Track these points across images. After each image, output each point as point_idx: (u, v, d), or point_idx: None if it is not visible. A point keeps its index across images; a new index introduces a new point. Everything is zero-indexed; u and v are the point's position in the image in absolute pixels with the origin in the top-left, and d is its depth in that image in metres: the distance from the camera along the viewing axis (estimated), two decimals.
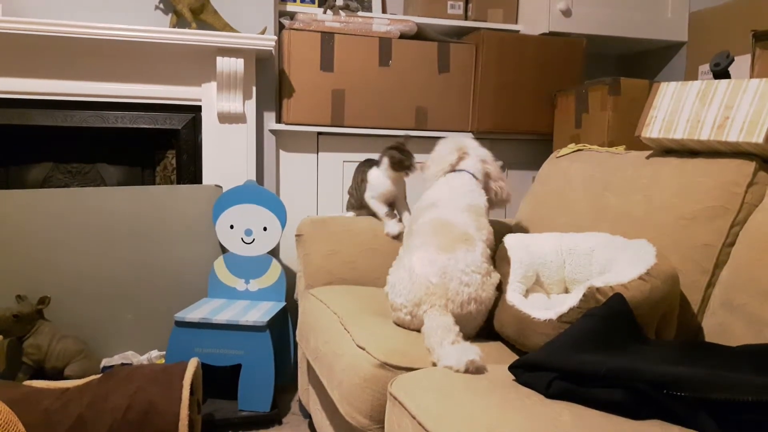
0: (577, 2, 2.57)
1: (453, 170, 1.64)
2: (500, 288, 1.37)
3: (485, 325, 1.38)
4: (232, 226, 2.19)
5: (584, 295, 1.13)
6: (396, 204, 1.92)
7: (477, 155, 1.68)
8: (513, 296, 1.30)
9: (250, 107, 2.37)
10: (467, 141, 1.71)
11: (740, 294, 1.15)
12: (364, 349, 1.25)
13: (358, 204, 1.97)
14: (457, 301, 1.29)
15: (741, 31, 2.09)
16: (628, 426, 0.84)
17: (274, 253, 2.24)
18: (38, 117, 2.23)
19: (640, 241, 1.27)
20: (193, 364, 1.70)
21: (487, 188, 1.65)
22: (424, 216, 1.49)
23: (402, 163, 1.83)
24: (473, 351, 1.12)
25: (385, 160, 1.86)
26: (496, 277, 1.38)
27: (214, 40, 2.18)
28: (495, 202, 1.67)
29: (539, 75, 2.56)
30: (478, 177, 1.63)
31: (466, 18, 2.68)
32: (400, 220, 1.89)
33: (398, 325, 1.37)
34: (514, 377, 1.04)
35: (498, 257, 1.44)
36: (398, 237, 1.83)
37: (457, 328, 1.23)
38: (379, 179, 1.89)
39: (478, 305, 1.32)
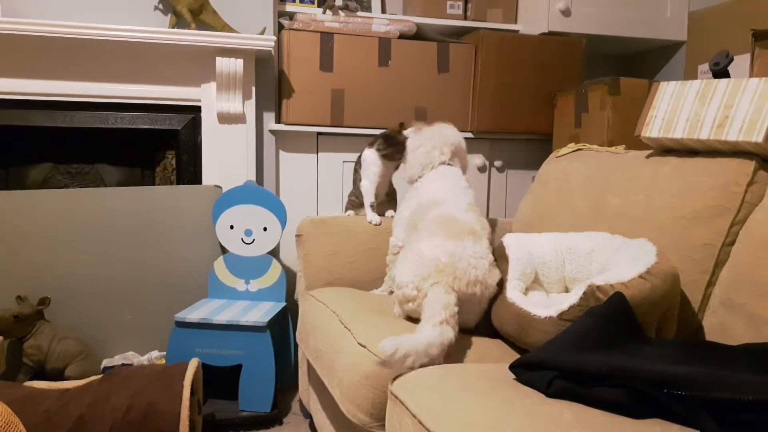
0: (576, 2, 2.57)
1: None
2: (500, 285, 1.38)
3: (485, 321, 1.38)
4: (232, 227, 2.19)
5: (584, 293, 1.13)
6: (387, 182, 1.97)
7: (459, 147, 1.75)
8: (513, 294, 1.30)
9: (250, 107, 2.37)
10: (450, 133, 1.74)
11: (740, 293, 1.15)
12: (365, 346, 1.25)
13: (359, 202, 1.97)
14: (463, 280, 1.31)
15: (740, 31, 2.09)
16: (629, 425, 0.85)
17: (274, 253, 2.24)
18: (38, 118, 2.23)
19: (640, 241, 1.27)
20: (193, 365, 1.70)
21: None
22: (428, 214, 1.51)
23: (393, 156, 1.86)
24: (444, 337, 1.16)
25: (376, 147, 1.90)
26: (498, 271, 1.39)
27: (213, 41, 2.18)
28: None
29: (539, 75, 2.56)
30: (464, 173, 1.71)
31: (465, 18, 2.68)
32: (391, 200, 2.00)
33: (401, 305, 1.38)
34: (514, 376, 1.04)
35: (497, 255, 1.45)
36: (378, 226, 1.90)
37: (455, 309, 1.24)
38: (371, 159, 1.91)
39: (483, 288, 1.34)
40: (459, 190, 1.60)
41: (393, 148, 1.85)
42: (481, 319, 1.40)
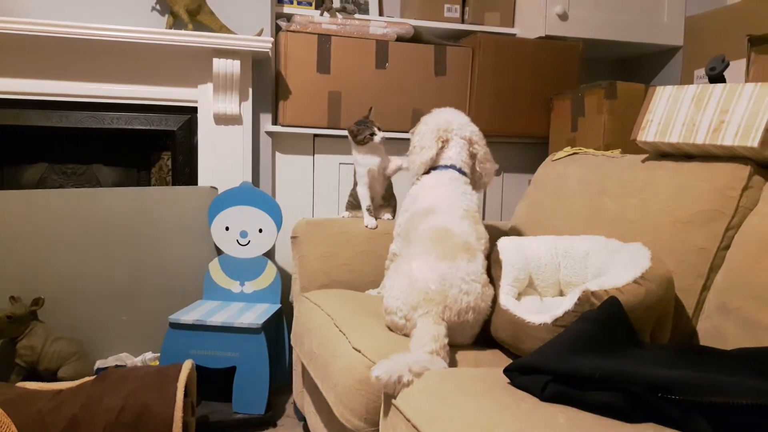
0: (573, 6, 2.58)
1: (437, 165, 1.59)
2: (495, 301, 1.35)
3: (480, 331, 1.38)
4: (227, 228, 2.19)
5: (579, 299, 1.13)
6: (382, 180, 1.96)
7: (462, 137, 1.60)
8: (507, 300, 1.30)
9: (247, 109, 2.37)
10: (452, 119, 1.63)
11: (735, 297, 1.15)
12: (359, 351, 1.24)
13: (357, 203, 1.97)
14: (454, 309, 1.27)
15: (736, 36, 2.09)
16: (623, 429, 0.84)
17: (270, 255, 2.24)
18: (33, 117, 2.22)
19: (635, 245, 1.27)
20: (187, 366, 1.69)
21: (472, 171, 1.61)
22: (422, 224, 1.45)
23: (358, 135, 1.88)
24: (435, 366, 1.12)
25: (350, 139, 1.91)
26: (493, 290, 1.36)
27: (210, 42, 2.18)
28: (477, 185, 1.62)
29: (535, 78, 2.56)
30: (465, 171, 1.58)
31: (462, 21, 2.69)
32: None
33: (390, 329, 1.36)
34: (509, 380, 1.03)
35: (491, 260, 1.44)
36: (375, 229, 1.88)
37: (445, 341, 1.21)
38: (355, 158, 1.93)
39: (476, 315, 1.30)
40: (455, 195, 1.51)
41: (360, 126, 1.88)
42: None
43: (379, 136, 1.88)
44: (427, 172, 1.61)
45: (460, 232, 1.39)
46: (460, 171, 1.57)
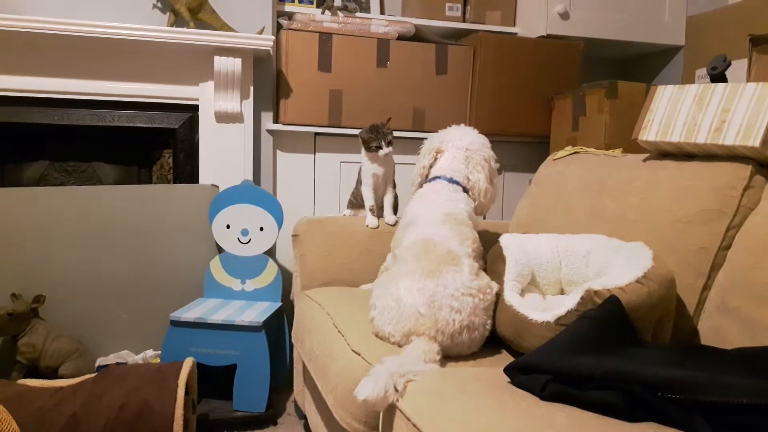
0: (574, 5, 2.58)
1: (428, 178, 1.57)
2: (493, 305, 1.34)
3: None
4: (228, 226, 2.19)
5: (582, 298, 1.13)
6: (384, 185, 1.94)
7: (457, 147, 1.56)
8: (511, 296, 1.29)
9: (248, 107, 2.37)
10: (452, 131, 1.62)
11: (736, 297, 1.15)
12: (359, 354, 1.24)
13: (357, 202, 1.97)
14: (447, 333, 1.24)
15: (738, 36, 2.09)
16: (623, 428, 0.84)
17: (271, 253, 2.24)
18: (35, 115, 2.22)
19: (636, 244, 1.27)
20: (188, 364, 1.70)
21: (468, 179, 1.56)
22: (405, 239, 1.43)
23: (368, 143, 1.86)
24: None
25: (360, 135, 1.90)
26: (492, 291, 1.33)
27: (211, 40, 2.18)
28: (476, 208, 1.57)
29: (537, 78, 2.56)
30: (457, 179, 1.54)
31: (464, 20, 2.69)
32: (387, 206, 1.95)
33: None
34: (509, 379, 1.04)
35: (493, 255, 1.44)
36: (377, 229, 1.88)
37: (438, 357, 1.20)
38: (364, 160, 1.92)
39: (470, 333, 1.27)
40: (437, 202, 1.47)
41: (371, 135, 1.85)
42: None
43: (385, 151, 1.85)
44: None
45: (441, 239, 1.36)
46: (450, 180, 1.53)
